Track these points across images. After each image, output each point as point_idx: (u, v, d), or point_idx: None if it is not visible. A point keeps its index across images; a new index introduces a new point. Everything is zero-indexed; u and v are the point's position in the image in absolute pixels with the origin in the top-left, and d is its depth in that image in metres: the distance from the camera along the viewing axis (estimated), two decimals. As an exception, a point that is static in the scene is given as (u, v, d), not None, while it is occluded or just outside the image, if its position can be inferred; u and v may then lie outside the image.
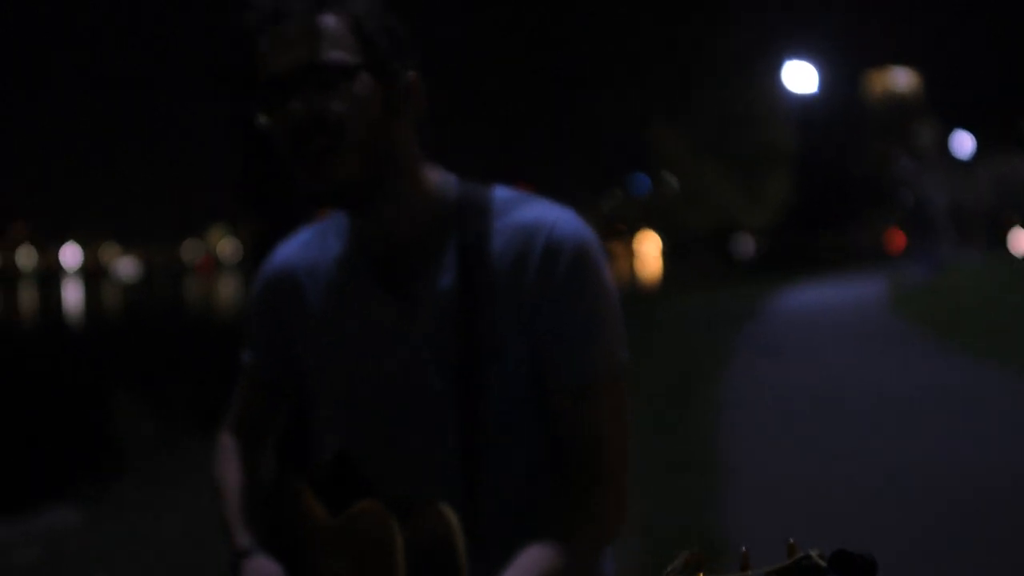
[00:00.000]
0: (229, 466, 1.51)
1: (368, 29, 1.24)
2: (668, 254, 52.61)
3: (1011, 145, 64.17)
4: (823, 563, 0.81)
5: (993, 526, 4.76)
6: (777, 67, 26.91)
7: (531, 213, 1.29)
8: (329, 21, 1.22)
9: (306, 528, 1.36)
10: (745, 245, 50.08)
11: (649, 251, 50.84)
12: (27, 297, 79.91)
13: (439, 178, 1.34)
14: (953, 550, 4.46)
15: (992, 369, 9.99)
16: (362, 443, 1.38)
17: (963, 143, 62.93)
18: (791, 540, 0.86)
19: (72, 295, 77.10)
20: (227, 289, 72.31)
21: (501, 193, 1.34)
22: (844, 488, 5.62)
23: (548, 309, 1.26)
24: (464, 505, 1.25)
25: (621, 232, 31.37)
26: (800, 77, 27.32)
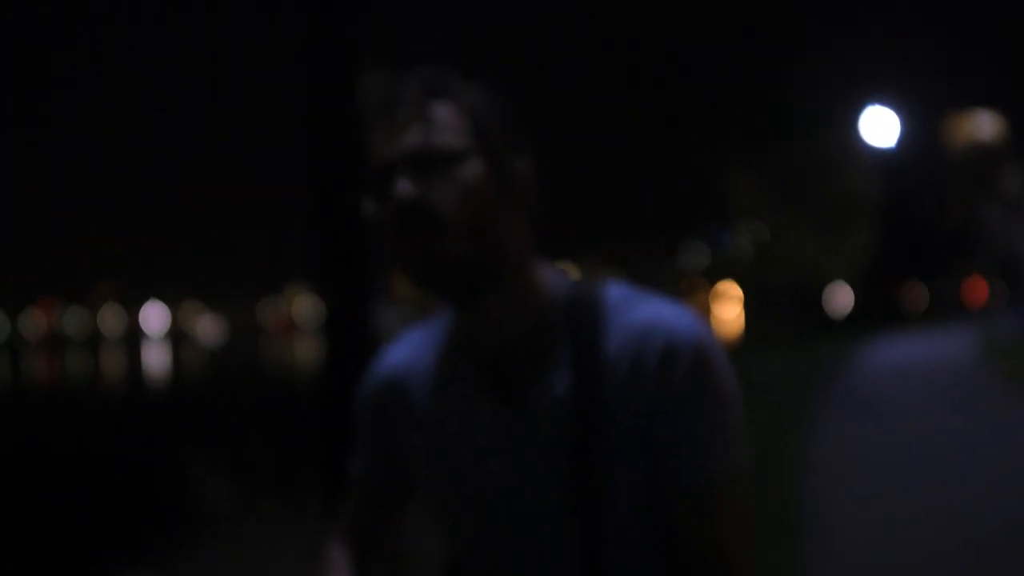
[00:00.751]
0: None
1: (479, 115, 1.21)
2: (750, 308, 51.94)
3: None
4: None
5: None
6: (857, 115, 26.48)
7: (647, 313, 1.22)
8: (440, 108, 1.20)
9: None
10: (840, 297, 49.34)
11: (730, 305, 50.27)
12: (111, 361, 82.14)
13: (549, 274, 1.28)
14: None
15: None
16: (475, 555, 1.32)
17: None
18: None
19: (154, 358, 78.99)
20: (304, 350, 73.32)
21: (614, 291, 1.27)
22: (938, 553, 5.33)
23: (666, 415, 1.18)
24: None
25: (701, 286, 30.98)
26: (881, 124, 26.80)
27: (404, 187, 1.16)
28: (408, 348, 1.40)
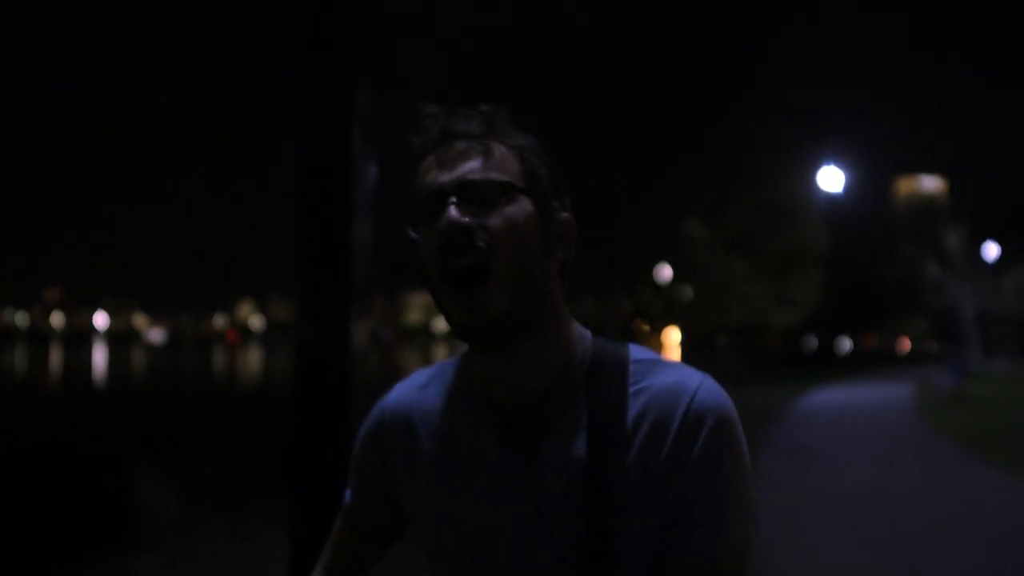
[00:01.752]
0: None
1: (532, 159, 1.22)
2: (692, 349, 52.34)
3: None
4: None
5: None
6: (810, 170, 27.12)
7: (670, 378, 1.20)
8: (497, 146, 1.21)
9: None
10: (786, 344, 49.74)
11: (672, 345, 50.64)
12: (56, 358, 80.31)
13: (576, 331, 1.26)
14: None
15: (1019, 483, 9.82)
16: None
17: (990, 251, 62.68)
18: None
19: (99, 361, 77.48)
20: (253, 359, 73.30)
21: (637, 353, 1.25)
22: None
23: (681, 482, 1.15)
24: None
25: (645, 329, 31.23)
26: (832, 181, 27.50)
27: (455, 212, 1.14)
28: (419, 386, 1.36)
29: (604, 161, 20.12)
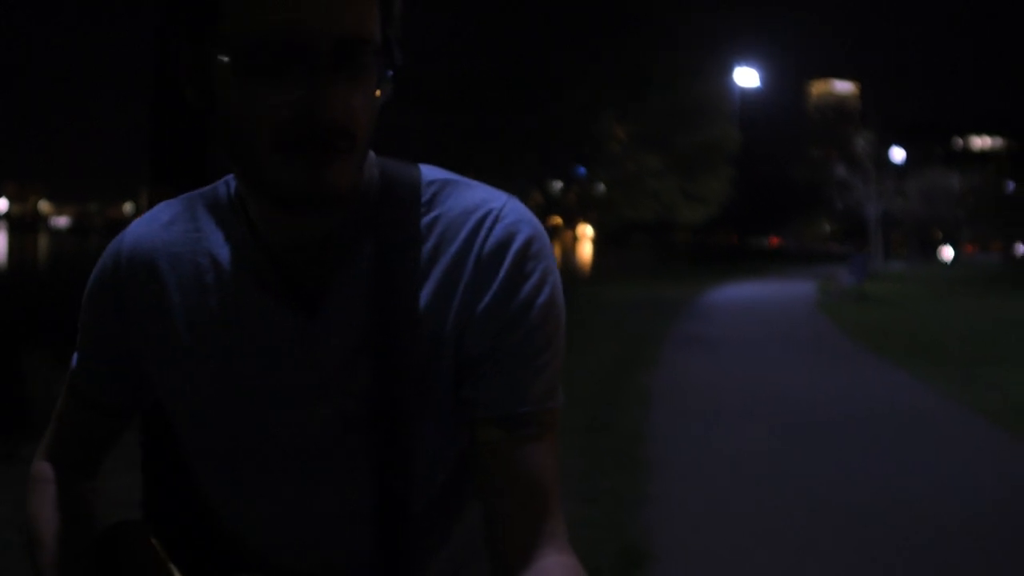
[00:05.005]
0: (45, 505, 1.12)
1: (393, 4, 0.94)
2: (602, 245, 52.95)
3: (940, 161, 65.84)
4: None
5: (893, 530, 4.81)
6: (724, 69, 27.24)
7: (469, 200, 1.01)
8: None
9: None
10: (697, 240, 50.69)
11: (587, 243, 51.16)
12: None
13: None
14: (853, 548, 4.49)
15: (909, 374, 10.25)
16: (237, 491, 1.05)
17: (896, 154, 64.29)
18: None
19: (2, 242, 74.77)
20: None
21: (431, 174, 1.04)
22: (765, 485, 5.65)
23: (484, 318, 0.97)
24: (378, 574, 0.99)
25: (558, 223, 31.35)
26: (747, 80, 27.70)
27: (319, 95, 0.86)
28: (165, 223, 1.08)
29: (517, 53, 19.83)
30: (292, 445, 1.01)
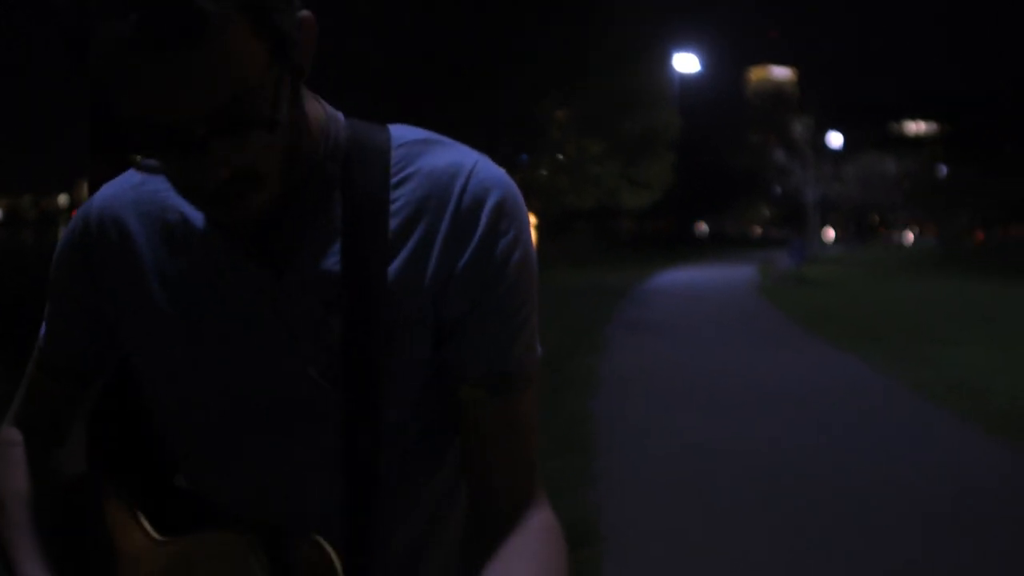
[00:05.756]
0: (13, 472, 1.11)
1: (273, 16, 0.85)
2: (546, 233, 53.05)
3: (876, 146, 67.09)
4: None
5: (828, 500, 4.92)
6: (666, 55, 27.41)
7: (442, 159, 1.00)
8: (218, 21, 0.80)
9: (119, 551, 1.03)
10: (639, 225, 50.96)
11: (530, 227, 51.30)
12: None
13: (323, 114, 1.02)
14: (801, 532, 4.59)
15: (846, 354, 10.47)
16: (209, 449, 1.04)
17: (834, 140, 65.34)
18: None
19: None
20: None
21: (401, 133, 1.04)
22: (711, 472, 5.74)
23: (459, 279, 0.98)
24: (347, 536, 0.98)
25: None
26: (686, 65, 27.97)
27: (199, 166, 0.85)
28: (136, 183, 1.08)
29: (451, 35, 19.69)
30: (262, 402, 1.00)
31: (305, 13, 0.90)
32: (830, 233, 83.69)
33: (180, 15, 0.77)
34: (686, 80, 30.84)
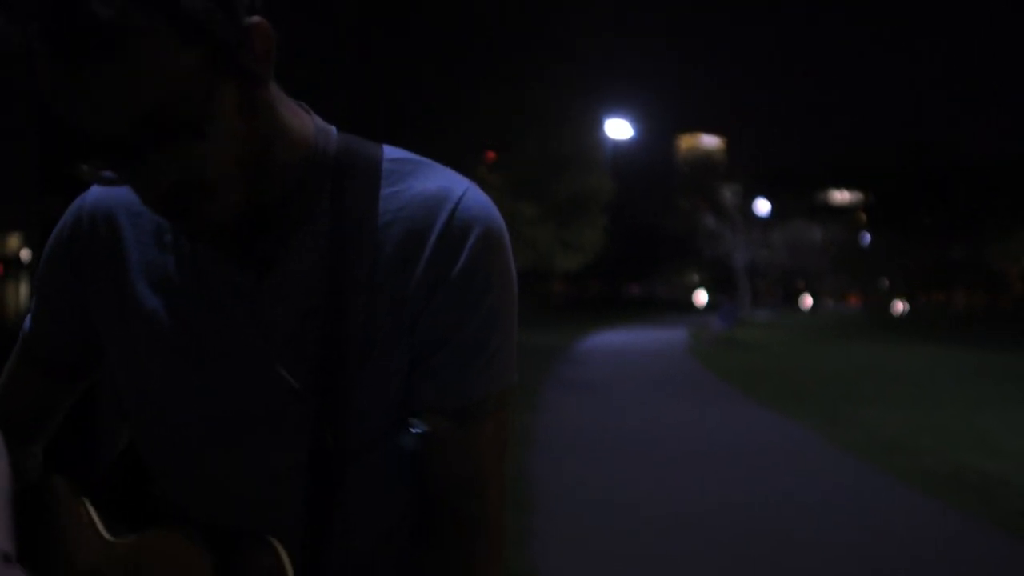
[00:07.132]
0: None
1: (197, 17, 0.83)
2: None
3: (803, 213, 68.84)
4: None
5: (761, 553, 4.98)
6: (599, 120, 27.92)
7: (433, 182, 1.01)
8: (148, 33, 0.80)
9: (75, 546, 1.03)
10: (573, 288, 51.22)
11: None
12: None
13: (312, 125, 1.02)
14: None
15: (776, 413, 10.64)
16: (177, 452, 1.04)
17: (761, 207, 66.87)
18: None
19: None
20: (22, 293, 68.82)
21: (393, 153, 1.04)
22: (639, 514, 5.77)
23: (438, 304, 0.98)
24: (305, 543, 0.98)
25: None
26: (619, 131, 28.58)
27: (137, 181, 0.87)
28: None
29: (386, 94, 19.79)
30: (233, 405, 1.00)
31: (256, 19, 0.89)
32: (807, 300, 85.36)
33: (82, 26, 0.78)
34: (619, 145, 31.41)
